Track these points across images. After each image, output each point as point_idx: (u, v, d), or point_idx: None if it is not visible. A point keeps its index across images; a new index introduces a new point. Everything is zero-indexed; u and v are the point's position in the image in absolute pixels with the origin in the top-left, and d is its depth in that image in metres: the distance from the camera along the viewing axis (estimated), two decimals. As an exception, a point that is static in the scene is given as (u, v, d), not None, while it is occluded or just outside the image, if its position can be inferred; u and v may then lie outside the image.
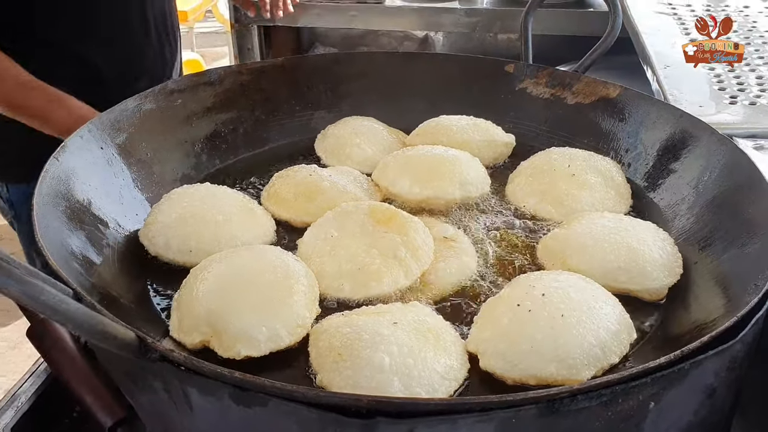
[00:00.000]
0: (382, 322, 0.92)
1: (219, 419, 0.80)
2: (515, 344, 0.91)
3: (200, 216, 1.15)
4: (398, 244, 1.09)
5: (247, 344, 0.92)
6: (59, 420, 1.14)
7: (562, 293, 0.96)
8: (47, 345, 1.08)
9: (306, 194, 1.26)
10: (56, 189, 1.07)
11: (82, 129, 1.19)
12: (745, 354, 0.85)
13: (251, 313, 0.94)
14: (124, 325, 0.75)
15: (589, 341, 0.91)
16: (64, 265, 0.92)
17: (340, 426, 0.72)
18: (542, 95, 1.53)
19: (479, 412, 0.71)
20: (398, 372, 0.86)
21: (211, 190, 1.24)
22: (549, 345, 0.90)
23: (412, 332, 0.91)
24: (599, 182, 1.28)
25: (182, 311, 0.98)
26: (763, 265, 0.92)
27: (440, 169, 1.30)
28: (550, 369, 0.89)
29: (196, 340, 0.94)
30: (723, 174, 1.17)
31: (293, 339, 0.95)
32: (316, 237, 1.14)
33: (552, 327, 0.91)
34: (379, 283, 1.05)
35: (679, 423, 0.83)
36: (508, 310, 0.95)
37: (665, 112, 1.34)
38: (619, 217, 1.18)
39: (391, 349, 0.88)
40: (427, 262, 1.10)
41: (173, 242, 1.12)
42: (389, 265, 1.07)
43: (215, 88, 1.47)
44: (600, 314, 0.95)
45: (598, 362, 0.91)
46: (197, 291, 0.98)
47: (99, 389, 0.96)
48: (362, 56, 1.78)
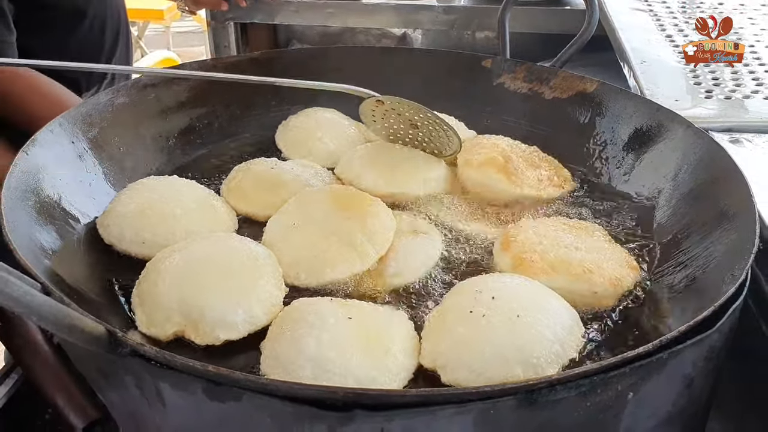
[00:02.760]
0: (339, 313, 0.92)
1: (193, 415, 0.78)
2: (477, 352, 0.88)
3: (158, 208, 1.13)
4: (356, 230, 1.08)
5: (225, 328, 0.93)
6: (31, 422, 1.11)
7: (511, 294, 0.95)
8: (18, 345, 1.06)
9: (267, 187, 1.25)
10: (25, 183, 1.05)
11: (52, 123, 1.17)
12: (722, 344, 0.85)
13: (225, 298, 0.94)
14: (94, 318, 0.73)
15: (548, 338, 0.89)
16: (33, 259, 0.90)
17: (317, 419, 0.71)
18: (520, 90, 1.53)
19: (457, 404, 0.70)
20: (315, 360, 0.85)
21: (176, 182, 1.23)
22: (511, 347, 0.87)
23: (357, 331, 0.90)
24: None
25: (148, 305, 0.96)
26: (740, 255, 0.92)
27: (404, 165, 1.30)
28: (516, 372, 0.86)
29: (169, 332, 0.94)
30: (699, 166, 1.17)
31: (269, 318, 0.96)
32: (279, 225, 1.14)
33: (510, 329, 0.89)
34: (333, 270, 1.05)
35: (657, 413, 0.83)
36: (460, 319, 0.92)
37: (642, 106, 1.35)
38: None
39: (322, 337, 0.87)
40: (384, 246, 1.09)
41: (127, 233, 1.11)
42: (344, 251, 1.06)
43: (189, 82, 1.45)
44: (552, 311, 0.94)
45: (559, 359, 0.89)
46: (162, 283, 0.96)
47: (71, 390, 0.94)
48: (338, 51, 1.77)
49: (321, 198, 1.16)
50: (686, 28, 1.84)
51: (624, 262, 1.09)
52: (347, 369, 0.85)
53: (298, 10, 2.63)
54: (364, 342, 0.89)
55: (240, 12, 2.62)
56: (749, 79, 1.54)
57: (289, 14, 2.65)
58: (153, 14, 5.15)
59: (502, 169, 1.28)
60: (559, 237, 1.12)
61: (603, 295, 1.03)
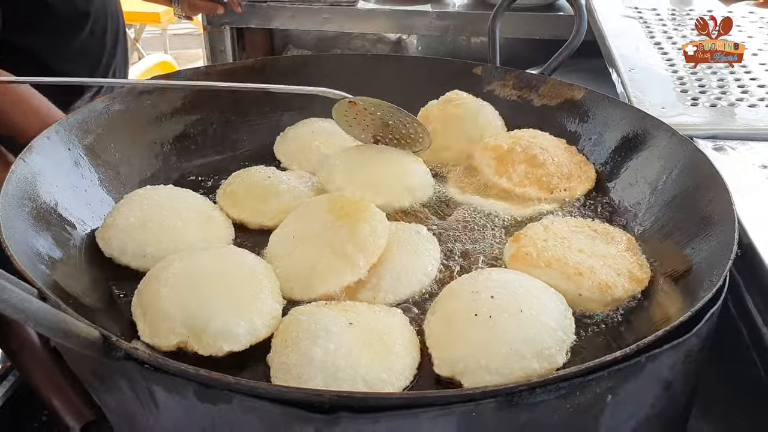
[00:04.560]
0: (339, 319, 0.93)
1: (184, 417, 0.80)
2: (494, 354, 0.90)
3: (158, 222, 1.14)
4: (346, 240, 1.08)
5: (228, 340, 0.94)
6: (27, 424, 1.13)
7: (507, 290, 0.97)
8: (15, 348, 1.08)
9: (259, 195, 1.26)
10: (22, 190, 1.06)
11: (49, 130, 1.19)
12: (700, 348, 0.87)
13: (228, 309, 0.96)
14: (88, 323, 0.75)
15: (552, 327, 0.93)
16: (29, 265, 0.92)
17: (304, 421, 0.73)
18: (509, 97, 1.55)
19: (440, 406, 0.72)
20: (325, 369, 0.87)
21: (174, 193, 1.24)
22: (523, 342, 0.90)
23: (361, 336, 0.92)
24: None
25: (151, 315, 0.97)
26: (718, 262, 0.94)
27: (387, 177, 1.29)
28: (533, 365, 0.89)
29: (172, 343, 0.94)
30: (683, 173, 1.19)
31: (269, 330, 0.97)
32: (279, 238, 1.15)
33: (518, 325, 0.92)
34: (323, 283, 1.06)
35: (636, 416, 0.85)
36: (469, 324, 0.94)
37: (628, 114, 1.37)
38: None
39: (328, 346, 0.89)
40: (374, 252, 1.08)
41: (129, 247, 1.12)
42: (334, 262, 1.07)
43: (184, 89, 1.47)
44: (546, 299, 0.98)
45: (564, 344, 0.94)
46: (165, 293, 0.97)
47: (67, 392, 0.97)
48: (332, 58, 1.80)
49: (318, 208, 1.16)
50: (675, 35, 1.87)
51: (627, 272, 1.08)
52: (357, 374, 0.87)
53: (294, 15, 2.65)
54: (368, 345, 0.91)
55: (236, 17, 2.65)
56: (735, 87, 1.56)
57: (285, 19, 2.67)
58: (150, 17, 5.16)
59: (498, 157, 1.34)
60: (570, 237, 1.14)
61: (589, 298, 1.05)
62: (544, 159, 1.34)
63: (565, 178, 1.34)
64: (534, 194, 1.31)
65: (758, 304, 1.03)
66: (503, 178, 1.33)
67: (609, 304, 1.05)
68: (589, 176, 1.36)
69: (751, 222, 1.07)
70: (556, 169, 1.34)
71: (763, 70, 1.65)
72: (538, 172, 1.33)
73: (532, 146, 1.36)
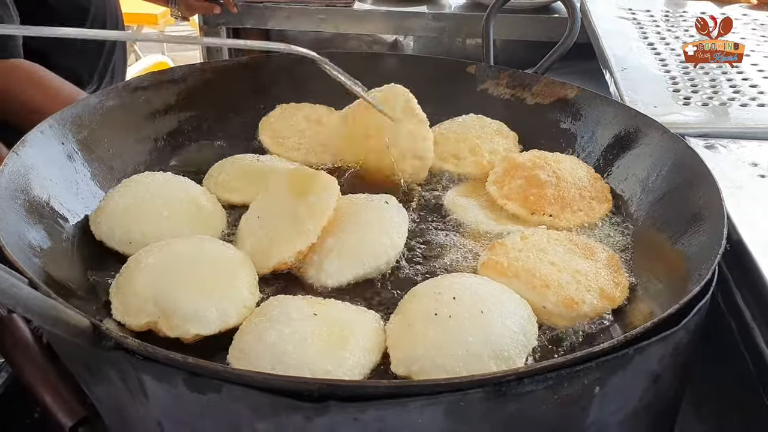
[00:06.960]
0: (305, 309, 0.94)
1: (174, 406, 0.81)
2: (451, 353, 0.89)
3: (146, 210, 1.15)
4: (298, 209, 1.10)
5: (196, 323, 0.95)
6: (20, 421, 1.13)
7: (469, 292, 0.97)
8: (8, 345, 1.08)
9: (253, 178, 1.29)
10: (15, 183, 1.07)
11: (42, 124, 1.19)
12: (688, 341, 0.87)
13: (199, 294, 0.97)
14: (78, 311, 0.76)
15: (513, 330, 0.93)
16: (21, 256, 0.92)
17: (293, 410, 0.73)
18: (503, 96, 1.56)
19: (428, 395, 0.73)
20: (272, 352, 0.88)
21: (169, 180, 1.24)
22: (482, 343, 0.89)
23: (319, 327, 0.92)
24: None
25: (125, 294, 0.99)
26: (707, 256, 0.95)
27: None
28: (490, 366, 0.88)
29: (142, 322, 0.96)
30: (673, 170, 1.20)
31: (240, 319, 0.98)
32: (246, 221, 1.18)
33: (478, 326, 0.91)
34: (279, 250, 1.08)
35: (624, 408, 0.85)
36: (427, 323, 0.93)
37: (620, 112, 1.38)
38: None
39: (283, 330, 0.90)
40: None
41: (116, 231, 1.13)
42: (286, 230, 1.09)
43: (179, 85, 1.47)
44: (509, 303, 0.97)
45: (525, 348, 0.93)
46: (140, 275, 0.99)
47: (60, 389, 0.96)
48: (326, 56, 1.79)
49: (280, 184, 1.18)
50: (668, 36, 1.88)
51: (599, 289, 1.04)
52: (303, 361, 0.87)
53: (290, 15, 2.66)
54: (325, 337, 0.90)
55: (232, 17, 2.66)
56: (727, 86, 1.57)
57: (280, 20, 2.68)
58: (147, 18, 5.16)
59: (507, 168, 1.33)
60: (547, 249, 1.11)
61: (553, 312, 1.02)
62: (545, 181, 1.27)
63: (558, 206, 1.25)
64: (512, 209, 1.26)
65: (747, 299, 1.04)
66: (494, 186, 1.31)
67: (575, 319, 1.02)
68: (589, 215, 1.25)
69: (741, 218, 1.08)
70: (553, 194, 1.26)
71: (755, 70, 1.66)
72: (531, 191, 1.27)
73: (545, 167, 1.30)
